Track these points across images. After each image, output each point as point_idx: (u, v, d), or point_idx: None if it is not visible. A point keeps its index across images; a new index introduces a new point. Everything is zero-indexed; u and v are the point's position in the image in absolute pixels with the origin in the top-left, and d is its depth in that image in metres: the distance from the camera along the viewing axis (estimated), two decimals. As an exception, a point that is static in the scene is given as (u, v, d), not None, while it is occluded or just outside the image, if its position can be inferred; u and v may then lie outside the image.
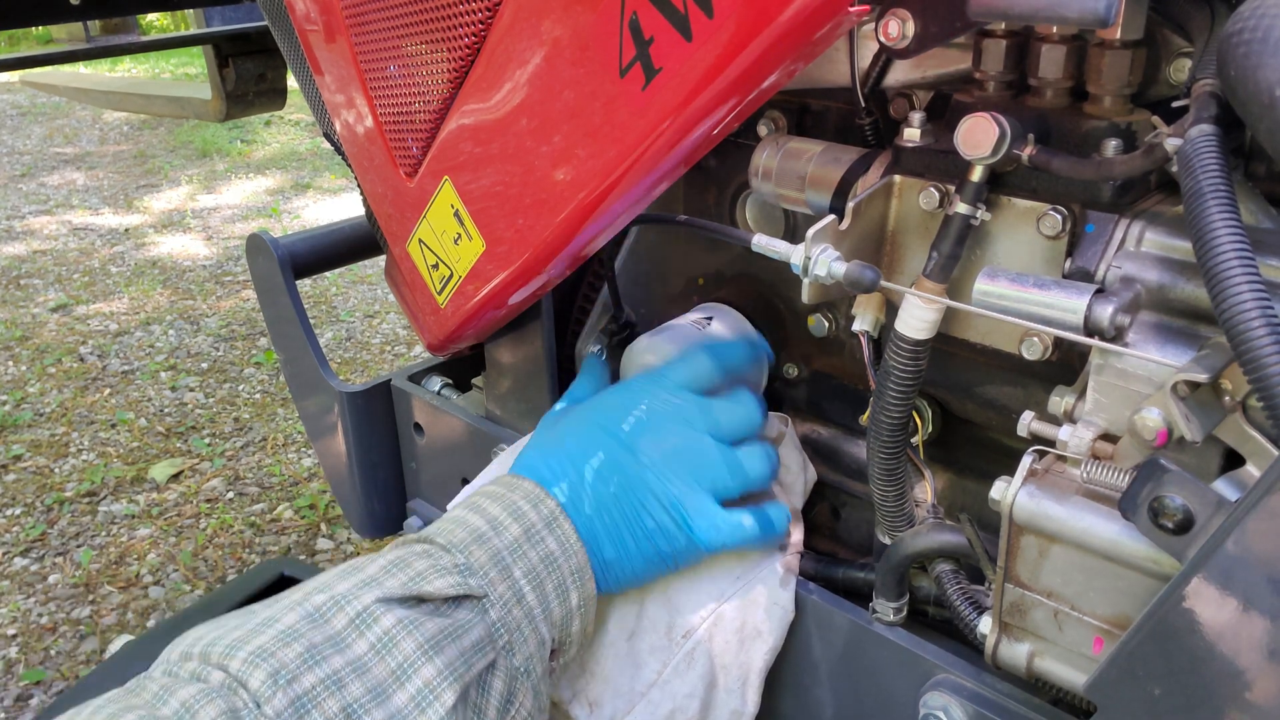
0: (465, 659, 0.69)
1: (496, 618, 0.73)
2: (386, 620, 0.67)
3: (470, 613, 0.72)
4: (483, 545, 0.75)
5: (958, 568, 0.78)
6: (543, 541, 0.77)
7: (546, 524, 0.78)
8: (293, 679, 0.62)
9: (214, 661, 0.63)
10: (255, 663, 0.62)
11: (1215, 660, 0.53)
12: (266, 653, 0.63)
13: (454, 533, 0.76)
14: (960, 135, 0.69)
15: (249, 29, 2.35)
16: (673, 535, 0.81)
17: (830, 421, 1.00)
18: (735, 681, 0.84)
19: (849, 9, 0.63)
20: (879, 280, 0.73)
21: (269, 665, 0.62)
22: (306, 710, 0.62)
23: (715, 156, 1.00)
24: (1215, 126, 0.59)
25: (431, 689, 0.66)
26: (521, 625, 0.74)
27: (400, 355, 3.42)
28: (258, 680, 0.62)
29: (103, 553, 2.44)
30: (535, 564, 0.76)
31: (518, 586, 0.75)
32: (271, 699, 0.61)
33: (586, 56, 0.74)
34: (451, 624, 0.70)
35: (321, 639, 0.66)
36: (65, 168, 5.75)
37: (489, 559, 0.74)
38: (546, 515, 0.78)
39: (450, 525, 0.77)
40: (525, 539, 0.77)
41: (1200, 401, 0.59)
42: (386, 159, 1.00)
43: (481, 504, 0.79)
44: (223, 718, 0.60)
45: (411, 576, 0.71)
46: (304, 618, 0.67)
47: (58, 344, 3.52)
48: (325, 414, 1.30)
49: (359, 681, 0.65)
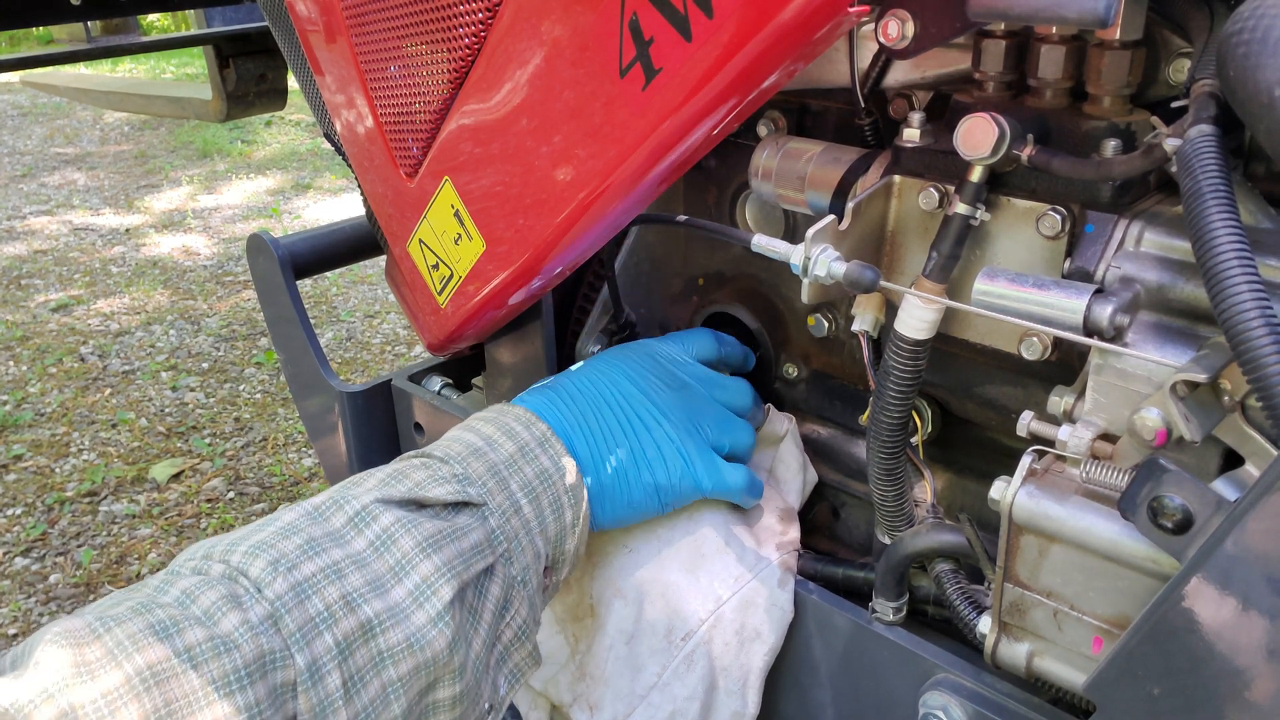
0: (464, 559, 0.71)
1: (495, 525, 0.74)
2: (385, 519, 0.69)
3: (470, 518, 0.73)
4: (479, 458, 0.77)
5: (957, 567, 0.78)
6: (536, 459, 0.79)
7: (539, 443, 0.80)
8: (292, 566, 0.64)
9: (215, 558, 0.65)
10: (254, 554, 0.64)
11: (1215, 660, 0.53)
12: (266, 545, 0.65)
13: (450, 447, 0.78)
14: (960, 135, 0.69)
15: (249, 29, 2.35)
16: (672, 467, 0.83)
17: (830, 421, 1.00)
18: (735, 683, 0.84)
19: (849, 9, 0.63)
20: (879, 280, 0.73)
21: (269, 555, 0.64)
22: (306, 595, 0.63)
23: (715, 156, 1.00)
24: (1214, 127, 0.60)
25: (429, 584, 0.68)
26: (519, 535, 0.76)
27: (400, 355, 3.42)
28: (258, 568, 0.63)
29: (103, 553, 2.44)
30: (530, 478, 0.78)
31: (514, 498, 0.76)
32: (271, 583, 0.63)
33: (586, 57, 0.74)
34: (450, 526, 0.72)
35: (321, 533, 0.67)
36: (65, 168, 5.75)
37: (486, 470, 0.76)
38: (539, 435, 0.80)
39: (446, 442, 0.79)
40: (520, 455, 0.78)
41: (1199, 401, 0.59)
42: (387, 159, 1.00)
43: (474, 424, 0.81)
44: (223, 601, 0.61)
45: (411, 486, 0.73)
46: (303, 515, 0.69)
47: (58, 344, 3.52)
48: (325, 414, 1.30)
49: (358, 573, 0.66)
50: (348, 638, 0.64)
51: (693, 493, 0.85)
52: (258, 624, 0.61)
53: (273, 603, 0.62)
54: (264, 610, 0.62)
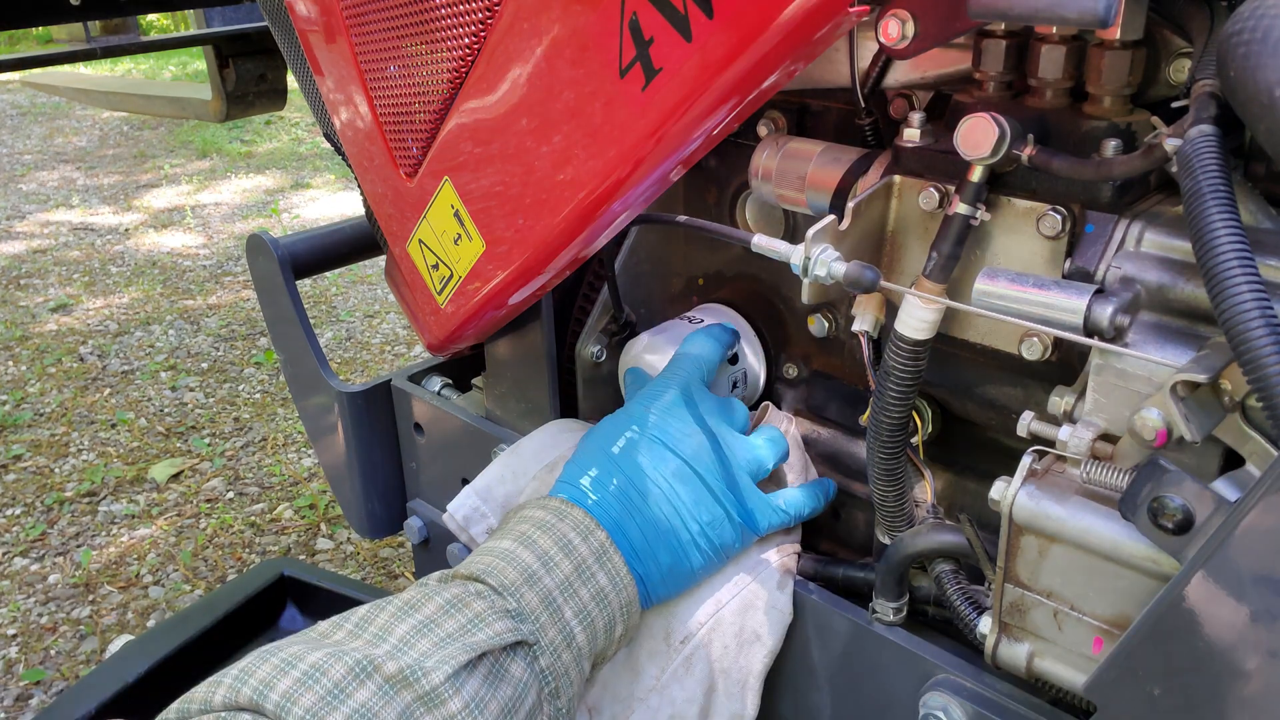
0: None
1: (546, 665, 0.74)
2: (454, 705, 0.68)
3: (524, 665, 0.73)
4: (533, 586, 0.75)
5: (957, 568, 0.78)
6: (594, 578, 0.77)
7: (597, 558, 0.78)
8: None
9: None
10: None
11: (1215, 660, 0.53)
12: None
13: (505, 572, 0.75)
14: (960, 135, 0.69)
15: (249, 29, 2.36)
16: (727, 528, 0.83)
17: (830, 421, 1.00)
18: (734, 685, 0.84)
19: (849, 9, 0.63)
20: (879, 280, 0.73)
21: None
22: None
23: (715, 156, 1.00)
24: (1215, 127, 0.59)
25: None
26: (569, 669, 0.75)
27: (400, 355, 3.42)
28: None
29: (103, 553, 2.44)
30: (586, 602, 0.77)
31: (568, 629, 0.76)
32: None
33: (586, 57, 0.74)
34: (511, 695, 0.71)
35: (393, 717, 0.65)
36: (65, 168, 5.75)
37: (540, 602, 0.75)
38: (596, 549, 0.78)
39: (500, 562, 0.76)
40: (576, 576, 0.77)
41: (1200, 401, 0.59)
42: (386, 159, 1.00)
43: (532, 536, 0.78)
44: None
45: (469, 619, 0.71)
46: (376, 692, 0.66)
47: (57, 344, 3.52)
48: (325, 414, 1.30)
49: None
50: None
51: (750, 539, 0.85)
52: None
53: None
54: None
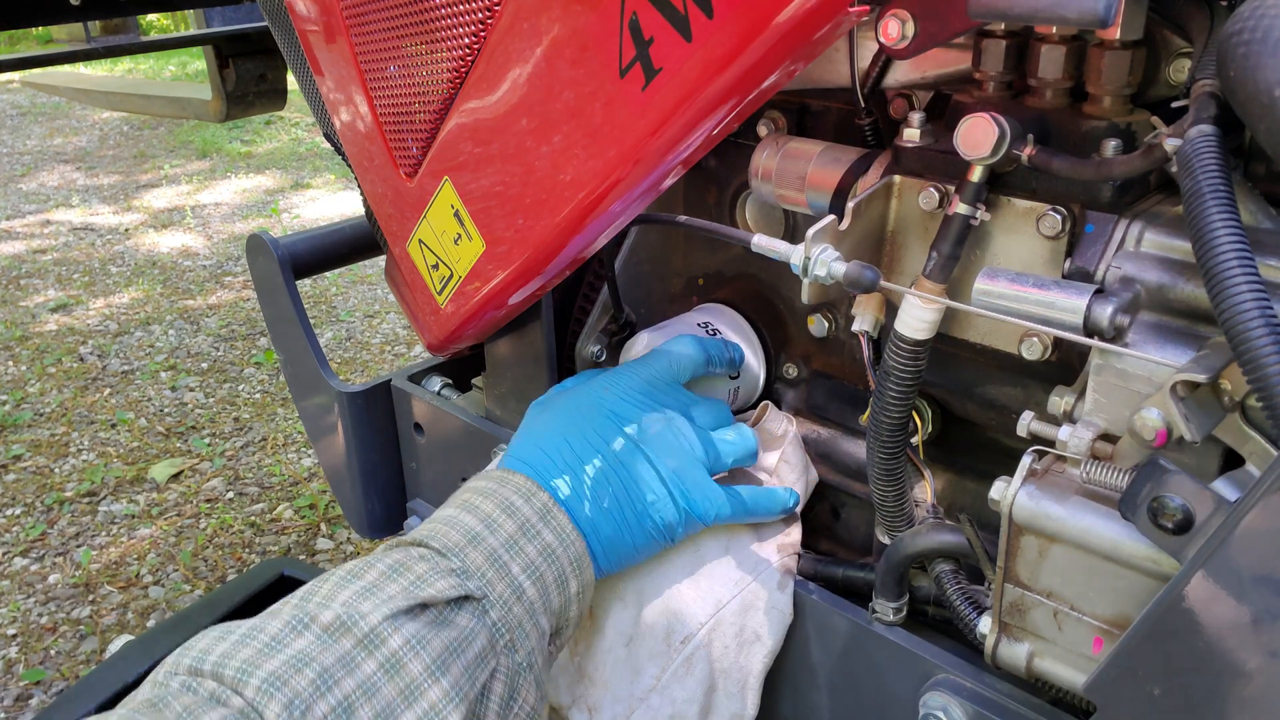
0: (469, 675, 0.70)
1: (497, 618, 0.73)
2: (394, 641, 0.68)
3: (471, 616, 0.72)
4: (477, 546, 0.75)
5: (957, 568, 0.78)
6: (539, 535, 0.78)
7: (541, 517, 0.78)
8: (306, 709, 0.64)
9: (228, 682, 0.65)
10: (270, 692, 0.64)
11: (1215, 660, 0.53)
12: (280, 680, 0.65)
13: (448, 535, 0.76)
14: (960, 135, 0.69)
15: (249, 29, 2.36)
16: (669, 509, 0.82)
17: (830, 421, 1.00)
18: (734, 685, 0.84)
19: (849, 9, 0.63)
20: (879, 280, 0.73)
21: (284, 695, 0.64)
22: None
23: (715, 156, 1.00)
24: (1215, 127, 0.59)
25: (437, 711, 0.68)
26: (523, 622, 0.75)
27: (400, 355, 3.42)
28: (273, 712, 0.63)
29: (103, 553, 2.44)
30: (533, 558, 0.77)
31: (517, 583, 0.75)
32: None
33: (586, 56, 0.74)
34: (456, 636, 0.71)
35: (332, 660, 0.67)
36: (65, 168, 5.75)
37: (485, 560, 0.75)
38: (540, 508, 0.79)
39: (443, 527, 0.77)
40: (520, 534, 0.77)
41: (1200, 401, 0.59)
42: (386, 159, 1.00)
43: (474, 502, 0.79)
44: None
45: (412, 581, 0.71)
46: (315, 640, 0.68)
47: (57, 344, 3.52)
48: (325, 414, 1.30)
49: (368, 705, 0.66)
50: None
51: (698, 526, 0.84)
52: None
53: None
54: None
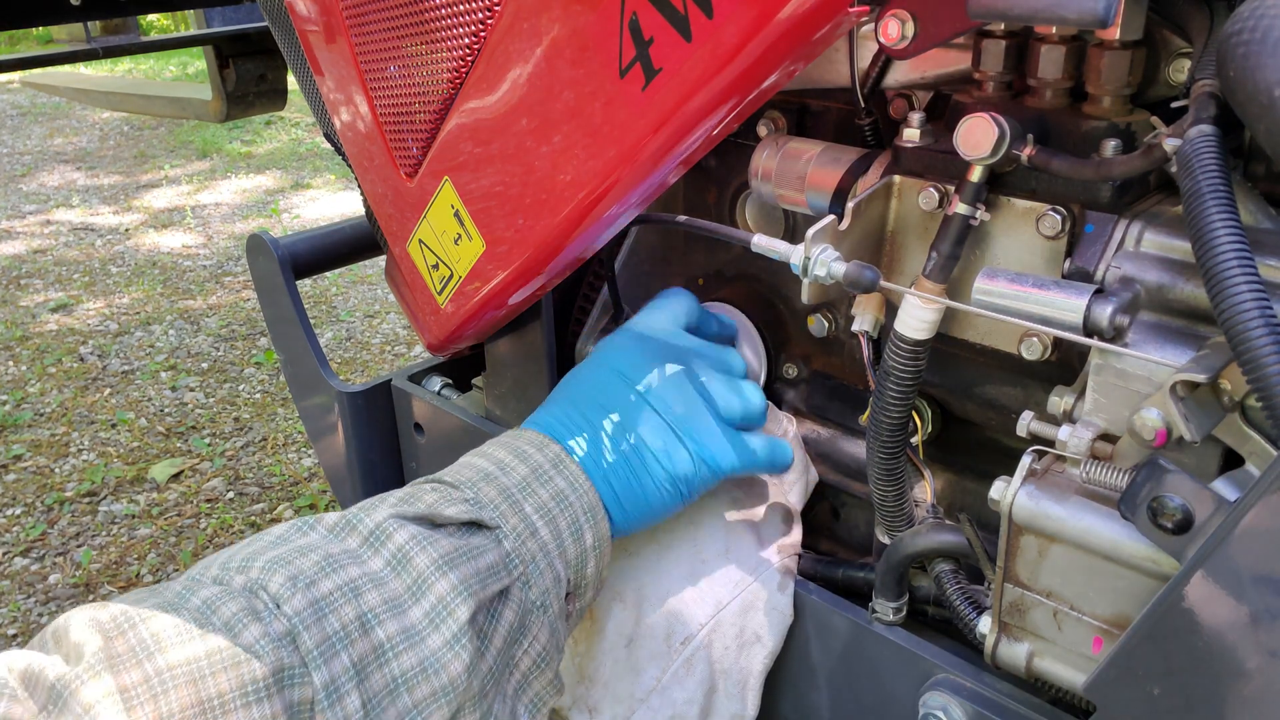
0: (480, 578, 0.70)
1: (510, 548, 0.73)
2: (400, 536, 0.68)
3: (485, 539, 0.72)
4: (491, 483, 0.76)
5: (957, 568, 0.78)
6: (551, 480, 0.78)
7: (553, 464, 0.79)
8: (310, 583, 0.64)
9: (234, 569, 0.65)
10: (272, 568, 0.64)
11: (1214, 660, 0.53)
12: (284, 560, 0.65)
13: (461, 472, 0.77)
14: (960, 136, 0.69)
15: (249, 29, 2.35)
16: (682, 457, 0.81)
17: (830, 421, 1.00)
18: (734, 686, 0.84)
19: (848, 9, 0.63)
20: (879, 280, 0.73)
21: (286, 570, 0.64)
22: (324, 613, 0.63)
23: (715, 156, 1.00)
24: (1214, 127, 0.59)
25: (445, 604, 0.67)
26: (537, 558, 0.74)
27: (400, 355, 3.42)
28: (276, 583, 0.63)
29: (103, 553, 2.44)
30: (546, 500, 0.77)
31: (530, 521, 0.75)
32: (290, 599, 0.62)
33: (586, 57, 0.74)
34: (466, 545, 0.71)
35: (339, 550, 0.67)
36: (65, 168, 5.75)
37: (498, 494, 0.75)
38: (552, 457, 0.79)
39: (457, 467, 0.78)
40: (533, 478, 0.77)
41: (1199, 401, 0.59)
42: (386, 159, 1.00)
43: (487, 450, 0.80)
44: (243, 613, 0.61)
45: (424, 507, 0.72)
46: (320, 537, 0.68)
47: (57, 344, 3.52)
48: (325, 414, 1.30)
49: (375, 591, 0.66)
50: (364, 659, 0.64)
51: (713, 476, 0.83)
52: (277, 638, 0.61)
53: (290, 619, 0.62)
54: (282, 626, 0.62)
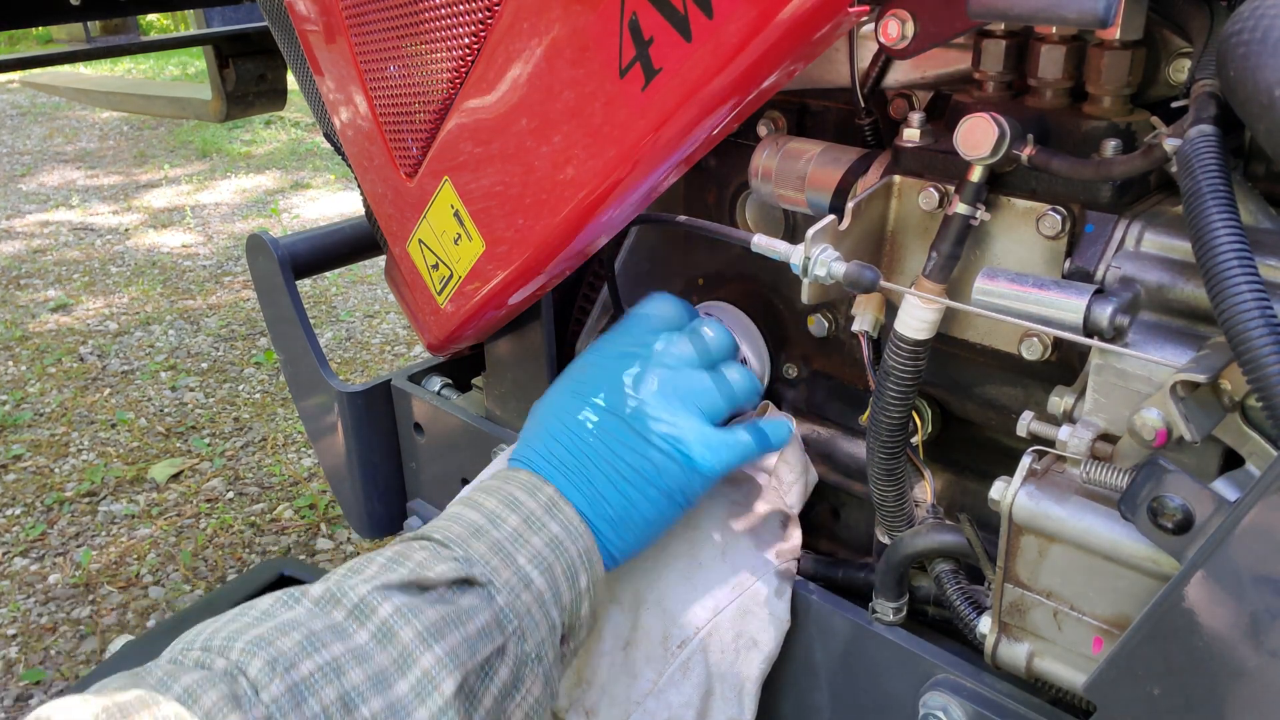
0: (468, 645, 0.69)
1: (504, 603, 0.72)
2: (385, 609, 0.67)
3: (476, 599, 0.71)
4: (480, 538, 0.74)
5: (957, 568, 0.78)
6: (545, 527, 0.76)
7: (546, 510, 0.77)
8: (290, 666, 0.62)
9: (214, 650, 0.64)
10: (253, 651, 0.63)
11: (1214, 660, 0.53)
12: (265, 641, 0.63)
13: (450, 529, 0.75)
14: (960, 136, 0.69)
15: (249, 29, 2.35)
16: (671, 469, 0.80)
17: (830, 421, 1.00)
18: (731, 690, 0.84)
19: (848, 9, 0.63)
20: (879, 280, 0.73)
21: (267, 653, 0.63)
22: (303, 698, 0.62)
23: (715, 156, 1.00)
24: (1214, 127, 0.59)
25: (430, 678, 0.66)
26: (532, 610, 0.73)
27: (400, 355, 3.42)
28: (256, 667, 0.62)
29: (103, 553, 2.44)
30: (540, 549, 0.75)
31: (523, 573, 0.74)
32: (269, 685, 0.61)
33: (586, 57, 0.74)
34: (454, 610, 0.69)
35: (322, 627, 0.66)
36: (65, 168, 5.75)
37: (489, 549, 0.74)
38: (545, 502, 0.78)
39: (446, 522, 0.77)
40: (525, 527, 0.76)
41: (1199, 401, 0.59)
42: (386, 159, 1.00)
43: (477, 499, 0.78)
44: (224, 702, 0.60)
45: (411, 568, 0.71)
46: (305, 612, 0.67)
47: (57, 344, 3.52)
48: (325, 414, 1.30)
49: (359, 668, 0.65)
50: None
51: (706, 480, 0.81)
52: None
53: (268, 705, 0.61)
54: (261, 713, 0.60)
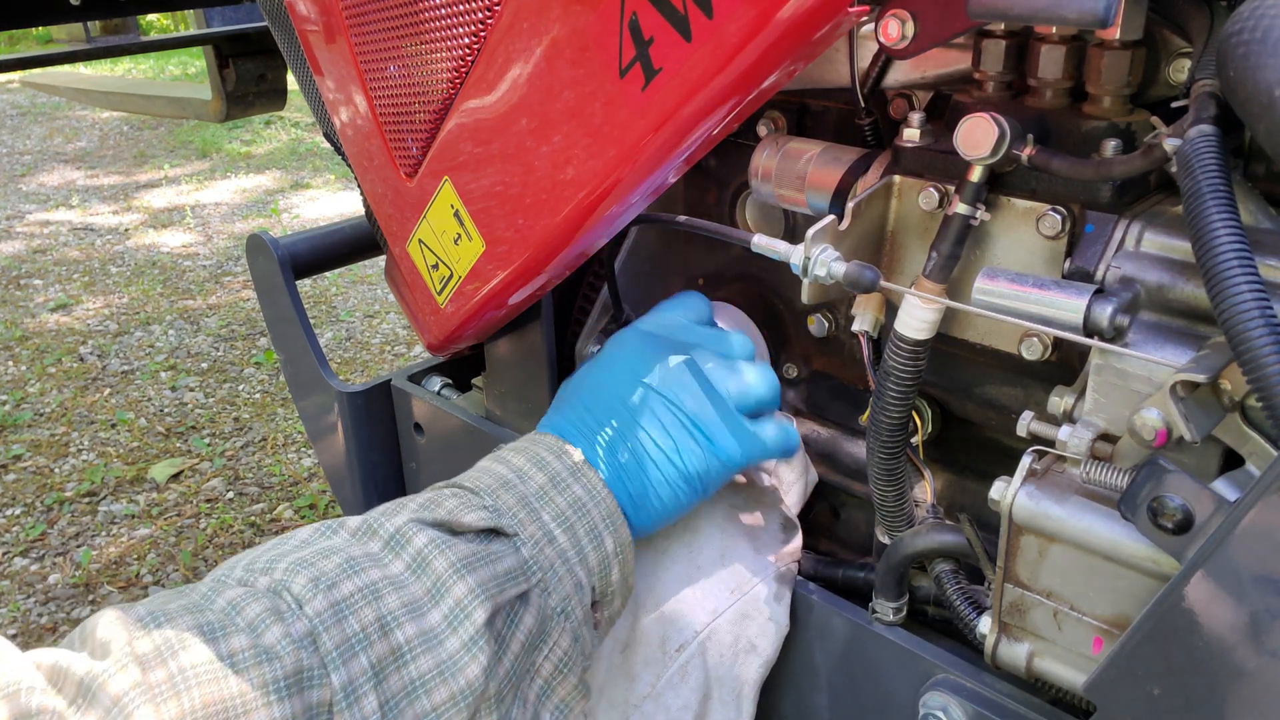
0: (497, 581, 0.71)
1: (529, 555, 0.74)
2: (420, 540, 0.70)
3: (503, 546, 0.74)
4: (509, 490, 0.77)
5: (957, 568, 0.78)
6: (569, 488, 0.78)
7: (571, 473, 0.79)
8: (332, 585, 0.65)
9: (259, 570, 0.67)
10: (296, 570, 0.66)
11: (1214, 660, 0.53)
12: (307, 562, 0.67)
13: (480, 479, 0.78)
14: (960, 136, 0.69)
15: (249, 29, 2.36)
16: (693, 451, 0.81)
17: (830, 421, 1.00)
18: (729, 694, 0.84)
19: (848, 9, 0.63)
20: (879, 280, 0.73)
21: (309, 572, 0.66)
22: (344, 615, 0.64)
23: (715, 156, 1.00)
24: (1214, 127, 0.60)
25: (462, 607, 0.68)
26: (555, 565, 0.75)
27: (400, 355, 3.42)
28: (299, 584, 0.65)
29: (103, 553, 2.44)
30: (563, 508, 0.77)
31: (547, 528, 0.76)
32: (312, 600, 0.64)
33: (586, 57, 0.74)
34: (485, 550, 0.72)
35: (360, 553, 0.69)
36: (65, 168, 5.75)
37: (517, 502, 0.76)
38: (570, 465, 0.80)
39: (476, 473, 0.79)
40: (551, 486, 0.78)
41: (1199, 401, 0.59)
42: (386, 159, 1.00)
43: (506, 456, 0.81)
44: (267, 614, 0.63)
45: (445, 513, 0.73)
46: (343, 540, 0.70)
47: (57, 344, 3.52)
48: (325, 414, 1.30)
49: (395, 594, 0.67)
50: (382, 661, 0.65)
51: (725, 469, 0.82)
52: (298, 639, 0.63)
53: (312, 620, 0.63)
54: (304, 627, 0.63)
